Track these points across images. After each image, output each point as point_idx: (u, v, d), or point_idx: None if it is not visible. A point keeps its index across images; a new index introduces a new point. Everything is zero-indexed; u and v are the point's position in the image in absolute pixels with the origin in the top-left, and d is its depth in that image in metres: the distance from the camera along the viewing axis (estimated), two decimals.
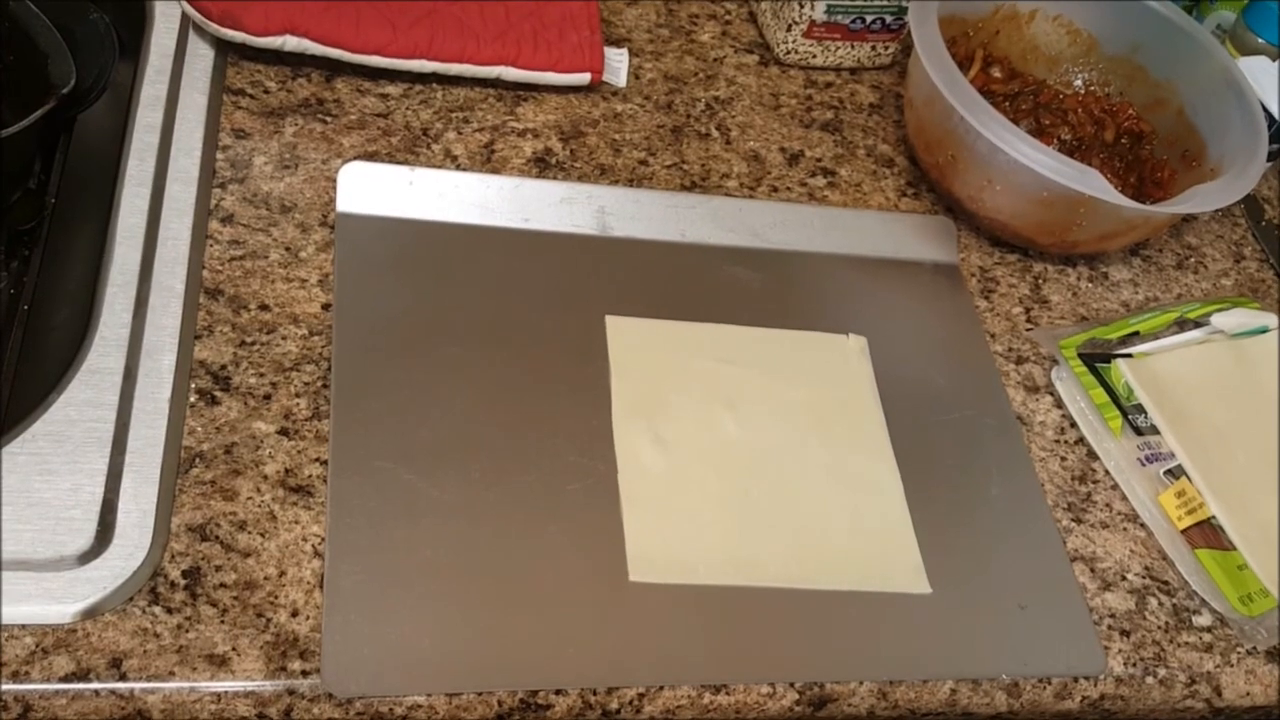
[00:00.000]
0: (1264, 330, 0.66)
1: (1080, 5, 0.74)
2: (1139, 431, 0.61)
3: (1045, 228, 0.66)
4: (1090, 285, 0.70)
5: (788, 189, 0.69)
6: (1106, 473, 0.61)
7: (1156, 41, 0.73)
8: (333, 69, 0.66)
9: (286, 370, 0.54)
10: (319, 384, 0.53)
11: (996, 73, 0.75)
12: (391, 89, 0.66)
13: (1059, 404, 0.63)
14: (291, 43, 0.63)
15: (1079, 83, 0.76)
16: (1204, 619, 0.57)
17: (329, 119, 0.64)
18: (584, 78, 0.68)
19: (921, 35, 0.64)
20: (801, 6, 0.73)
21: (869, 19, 0.74)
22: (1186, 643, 0.56)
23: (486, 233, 0.61)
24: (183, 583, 0.47)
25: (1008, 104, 0.73)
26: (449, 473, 0.52)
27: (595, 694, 0.48)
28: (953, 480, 0.58)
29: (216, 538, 0.48)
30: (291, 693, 0.45)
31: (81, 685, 0.43)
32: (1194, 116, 0.71)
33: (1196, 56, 0.71)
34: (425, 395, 0.54)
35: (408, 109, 0.66)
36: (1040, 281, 0.69)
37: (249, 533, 0.48)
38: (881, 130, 0.74)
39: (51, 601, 0.44)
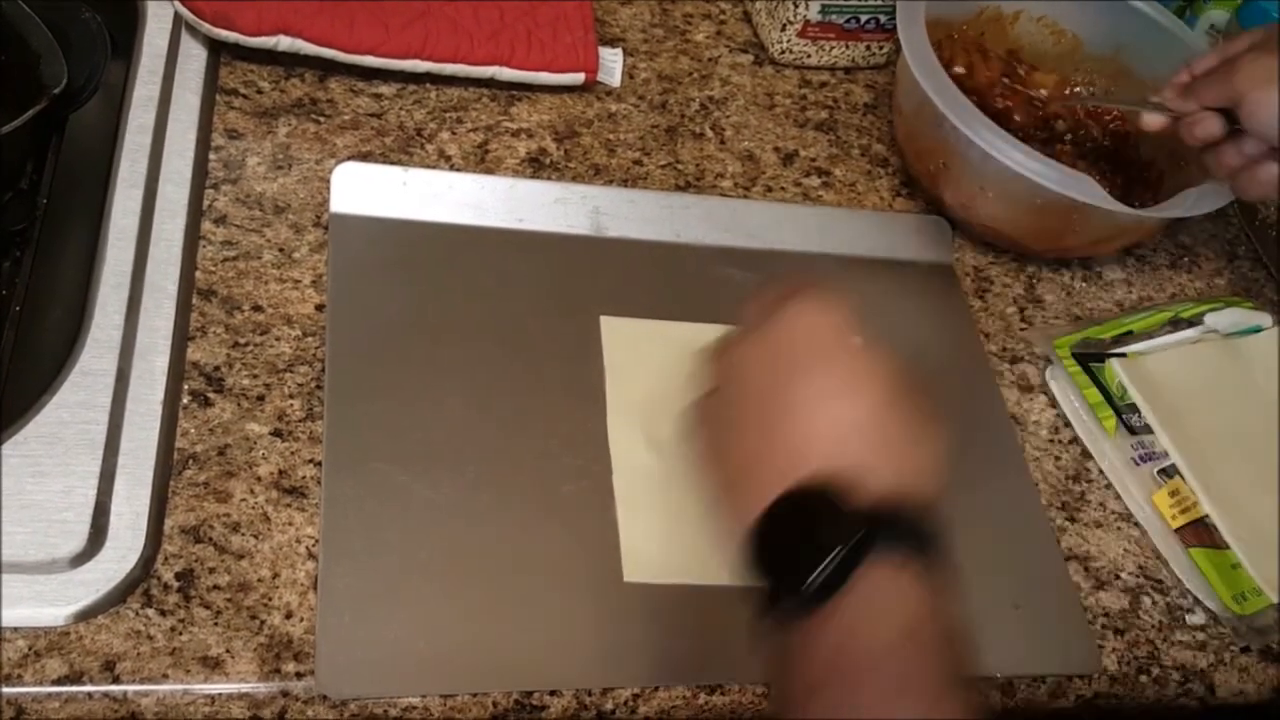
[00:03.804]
0: (1257, 329, 0.66)
1: (1064, 6, 0.74)
2: (1133, 431, 0.61)
3: (1039, 234, 0.66)
4: (1084, 285, 0.70)
5: (782, 189, 0.69)
6: (1100, 472, 0.61)
7: (1141, 41, 0.72)
8: (326, 69, 0.65)
9: (280, 371, 0.53)
10: (312, 385, 0.53)
11: None
12: (385, 89, 0.66)
13: (1053, 403, 0.63)
14: (285, 43, 0.62)
15: None
16: (1197, 618, 0.57)
17: (322, 119, 0.64)
18: (578, 78, 0.68)
19: (909, 39, 0.64)
20: (796, 6, 0.73)
21: (863, 18, 0.74)
22: (1180, 641, 0.56)
23: (480, 233, 0.61)
24: (176, 585, 0.46)
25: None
26: (443, 474, 0.52)
27: (590, 695, 0.48)
28: (947, 480, 0.58)
29: (210, 539, 0.48)
30: (286, 695, 0.45)
31: (74, 688, 0.43)
32: None
33: (1182, 56, 0.71)
34: (419, 396, 0.54)
35: (401, 109, 0.66)
36: (1034, 281, 0.69)
37: (243, 534, 0.48)
38: (876, 130, 0.74)
39: (44, 604, 0.44)
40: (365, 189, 0.61)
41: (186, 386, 0.52)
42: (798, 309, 0.42)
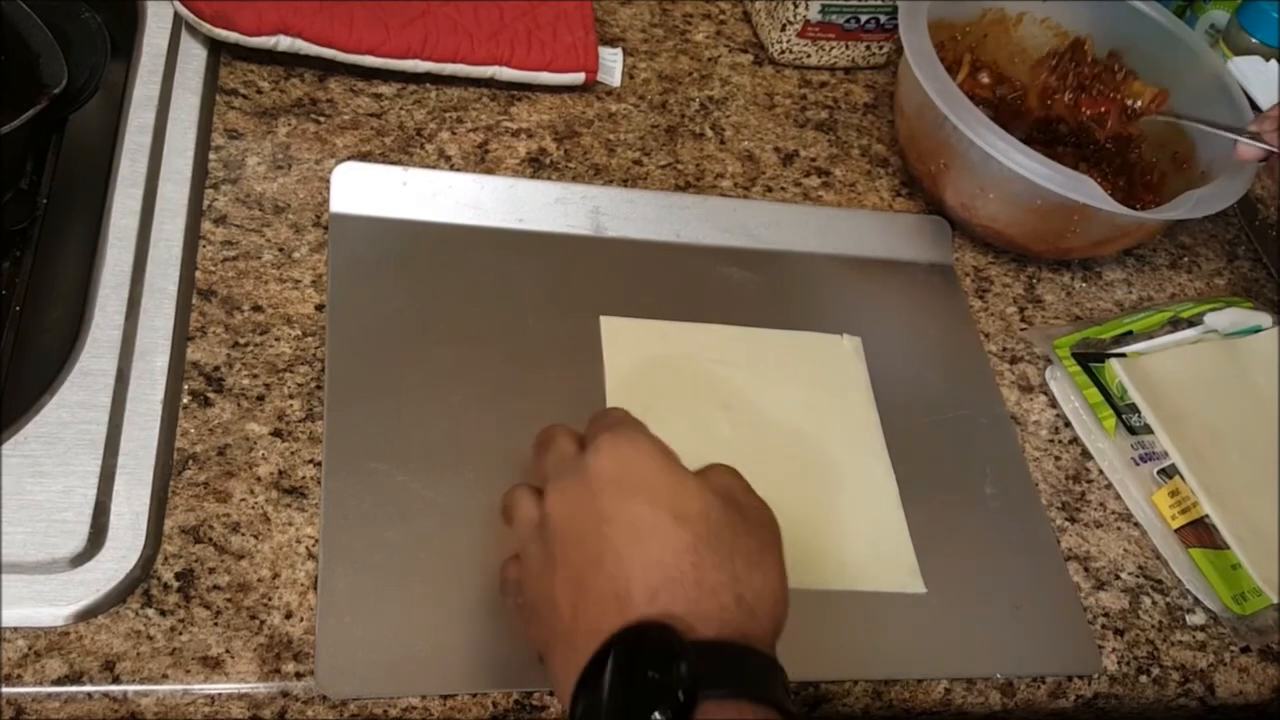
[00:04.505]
0: (1257, 329, 0.66)
1: (1067, 7, 0.74)
2: (1133, 431, 0.61)
3: (1039, 235, 0.66)
4: (1084, 285, 0.70)
5: (782, 189, 0.69)
6: (1100, 472, 0.61)
7: (1144, 44, 0.72)
8: (326, 69, 0.65)
9: (280, 371, 0.53)
10: (312, 385, 0.53)
11: (984, 78, 0.74)
12: (385, 89, 0.66)
13: (1053, 404, 0.63)
14: (284, 43, 0.62)
15: None
16: (1197, 618, 0.57)
17: (322, 119, 0.64)
18: (578, 77, 0.68)
19: (911, 42, 0.64)
20: (796, 6, 0.73)
21: (863, 19, 0.74)
22: (1180, 641, 0.56)
23: (480, 233, 0.61)
24: (176, 585, 0.46)
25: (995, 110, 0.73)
26: (443, 474, 0.52)
27: None
28: (947, 480, 0.59)
29: (210, 540, 0.48)
30: (285, 695, 0.45)
31: (74, 688, 0.43)
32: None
33: (1184, 58, 0.71)
34: (419, 396, 0.54)
35: (401, 109, 0.66)
36: (1034, 281, 0.69)
37: (242, 534, 0.48)
38: (876, 130, 0.74)
39: (44, 604, 0.44)
40: (365, 189, 0.61)
41: (186, 386, 0.52)
42: (607, 444, 0.39)
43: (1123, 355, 0.63)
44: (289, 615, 0.47)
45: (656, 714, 0.33)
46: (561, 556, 0.38)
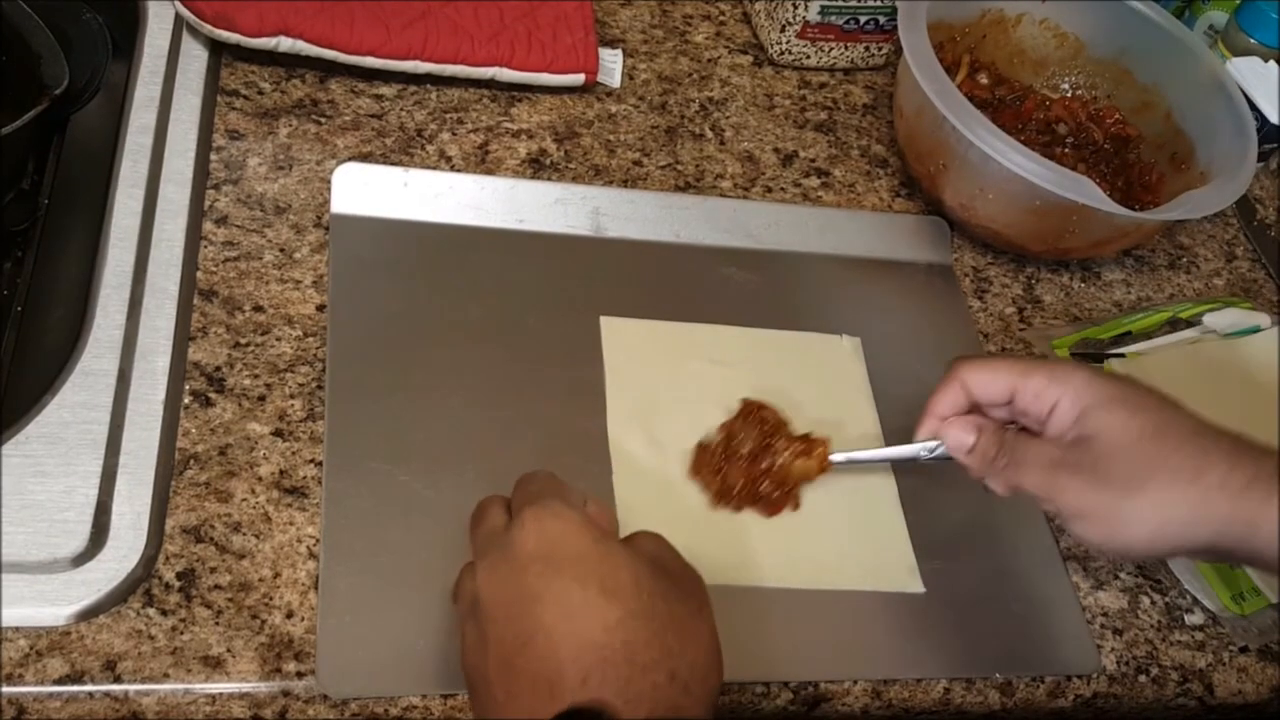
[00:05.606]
0: (1256, 330, 0.67)
1: (1067, 8, 0.74)
2: None
3: (1038, 236, 0.66)
4: (1083, 285, 0.70)
5: (781, 189, 0.69)
6: None
7: (1143, 45, 0.73)
8: (327, 70, 0.66)
9: (281, 371, 0.54)
10: (313, 385, 0.53)
11: (983, 79, 0.74)
12: (386, 90, 0.66)
13: None
14: (285, 44, 0.62)
15: (1065, 87, 0.76)
16: (1196, 618, 0.57)
17: (323, 120, 0.64)
18: (578, 79, 0.68)
19: (910, 43, 0.64)
20: (795, 7, 0.73)
21: (863, 20, 0.74)
22: (1179, 641, 0.56)
23: (481, 234, 0.61)
24: (177, 584, 0.46)
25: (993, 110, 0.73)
26: (443, 474, 0.52)
27: None
28: (946, 480, 0.59)
29: (211, 539, 0.48)
30: (286, 694, 0.45)
31: (76, 688, 0.43)
32: (1182, 120, 0.71)
33: (1183, 59, 0.71)
34: (420, 396, 0.54)
35: (402, 110, 0.66)
36: (1033, 282, 0.70)
37: (244, 534, 0.48)
38: (875, 131, 0.74)
39: (45, 604, 0.44)
40: (366, 190, 0.61)
41: (188, 386, 0.52)
42: (531, 519, 0.40)
43: (1121, 355, 0.63)
44: (290, 615, 0.47)
45: None
46: (493, 636, 0.38)
